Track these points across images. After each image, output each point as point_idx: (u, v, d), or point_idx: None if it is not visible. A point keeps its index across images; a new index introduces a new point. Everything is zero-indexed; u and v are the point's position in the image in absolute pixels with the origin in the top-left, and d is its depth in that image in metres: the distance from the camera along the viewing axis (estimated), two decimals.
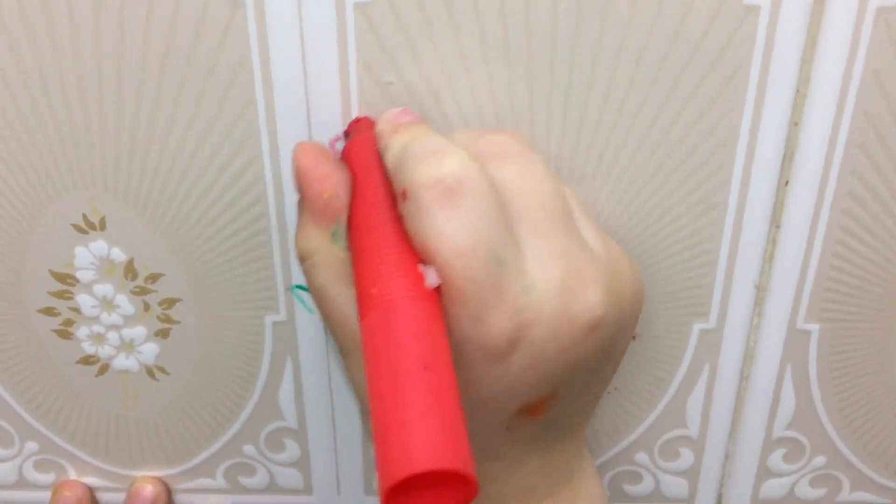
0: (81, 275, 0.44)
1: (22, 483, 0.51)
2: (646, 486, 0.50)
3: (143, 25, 0.37)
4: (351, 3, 0.36)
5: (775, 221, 0.41)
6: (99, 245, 0.43)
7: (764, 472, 0.49)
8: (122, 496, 0.51)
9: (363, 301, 0.29)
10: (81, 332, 0.46)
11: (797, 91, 0.38)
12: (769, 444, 0.48)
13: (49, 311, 0.45)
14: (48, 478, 0.51)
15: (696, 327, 0.44)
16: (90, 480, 0.51)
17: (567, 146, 0.39)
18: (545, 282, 0.30)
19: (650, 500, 0.50)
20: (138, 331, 0.45)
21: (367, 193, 0.34)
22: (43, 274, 0.44)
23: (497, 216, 0.30)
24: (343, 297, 0.34)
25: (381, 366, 0.26)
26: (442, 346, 0.27)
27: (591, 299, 0.31)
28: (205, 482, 0.51)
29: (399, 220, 0.31)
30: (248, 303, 0.44)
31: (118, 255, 0.43)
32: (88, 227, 0.43)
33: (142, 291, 0.44)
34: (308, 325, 0.45)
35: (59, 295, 0.45)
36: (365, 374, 0.27)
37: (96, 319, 0.45)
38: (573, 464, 0.39)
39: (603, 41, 0.37)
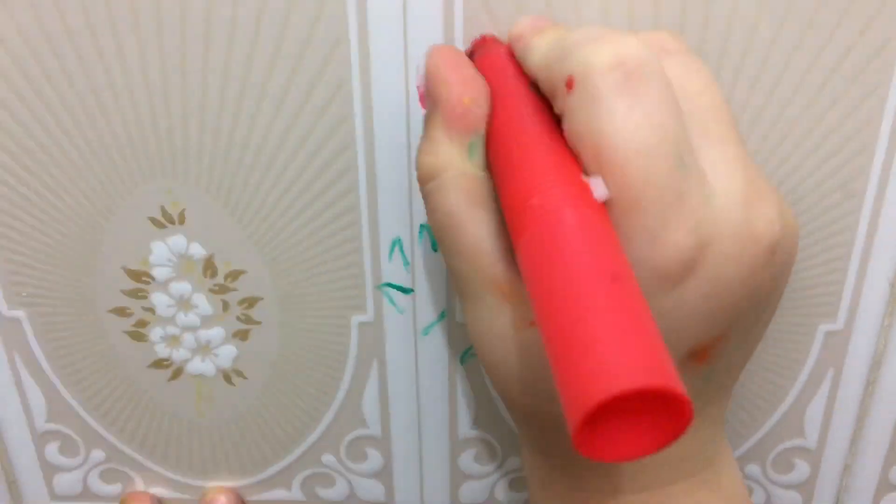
0: (157, 272, 0.41)
1: (86, 494, 0.48)
2: (756, 500, 0.46)
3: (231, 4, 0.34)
4: None
5: None
6: (177, 240, 0.40)
7: (885, 486, 0.45)
8: None
9: (520, 215, 0.25)
10: (155, 333, 0.43)
11: None
12: (893, 455, 0.44)
13: (121, 312, 0.42)
14: (114, 489, 0.48)
15: (822, 328, 0.41)
16: (158, 491, 0.48)
17: None
18: (726, 192, 0.26)
19: None
20: (216, 332, 0.42)
21: (508, 103, 0.29)
22: (116, 271, 0.41)
23: (679, 111, 0.25)
24: (479, 223, 0.29)
25: (557, 281, 0.22)
26: (623, 257, 0.23)
27: (771, 214, 0.26)
28: (280, 493, 0.47)
29: (551, 131, 0.27)
30: (334, 302, 0.41)
31: (197, 250, 0.40)
32: (167, 220, 0.39)
33: (221, 290, 0.41)
34: (397, 326, 0.42)
35: (133, 294, 0.42)
36: (533, 295, 0.23)
37: (171, 320, 0.42)
38: (718, 441, 0.33)
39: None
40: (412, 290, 0.41)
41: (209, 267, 0.41)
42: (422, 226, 0.39)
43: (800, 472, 0.45)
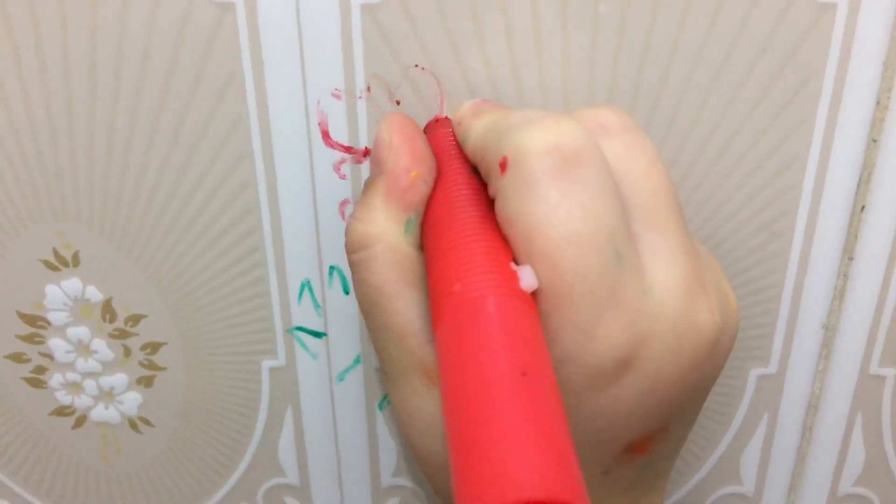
0: (53, 317, 0.38)
1: None
2: None
3: (118, 31, 0.32)
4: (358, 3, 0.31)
5: (848, 252, 0.36)
6: (72, 283, 0.38)
7: None
8: None
9: (442, 300, 0.23)
10: (55, 380, 0.40)
11: (877, 103, 0.33)
12: (834, 502, 0.43)
13: (17, 358, 0.40)
14: None
15: (755, 372, 0.39)
16: None
17: None
18: (665, 285, 0.24)
19: None
20: (118, 378, 0.40)
21: (447, 185, 0.28)
22: (9, 316, 0.39)
23: (616, 200, 0.24)
24: (409, 302, 0.27)
25: (466, 373, 0.21)
26: (542, 352, 0.21)
27: (713, 304, 0.25)
28: None
29: (485, 217, 0.25)
30: (243, 347, 0.39)
31: (94, 294, 0.38)
32: (60, 262, 0.37)
33: (121, 335, 0.39)
34: (310, 371, 0.39)
35: (29, 339, 0.39)
36: (442, 386, 0.22)
37: (71, 366, 0.40)
38: None
39: (652, 37, 0.32)
40: (325, 335, 0.39)
41: (108, 311, 0.38)
42: (332, 267, 0.37)
43: None
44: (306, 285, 0.38)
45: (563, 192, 0.23)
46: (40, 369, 0.40)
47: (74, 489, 0.44)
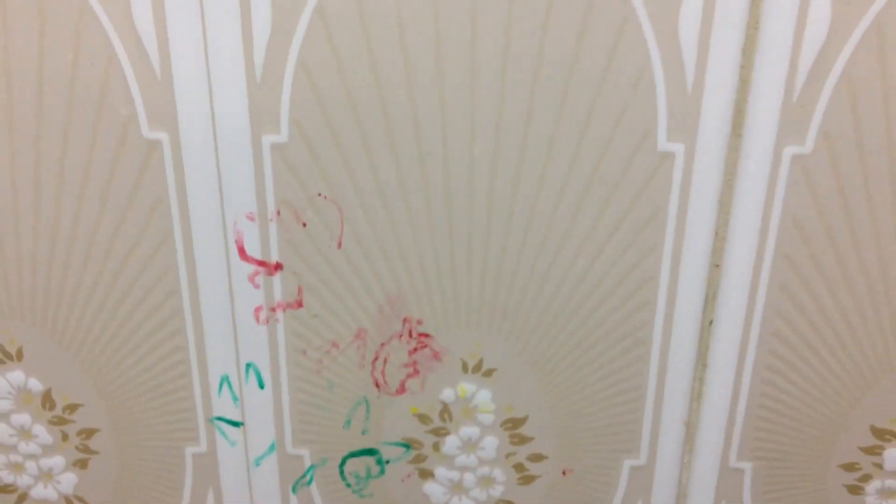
0: None
1: None
2: None
3: (60, 158, 0.37)
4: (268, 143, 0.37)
5: (701, 360, 0.41)
6: (16, 375, 0.42)
7: None
8: None
9: None
10: None
11: (716, 234, 0.38)
12: None
13: None
14: None
15: (627, 463, 0.43)
16: None
17: (489, 282, 0.39)
18: None
19: None
20: (56, 461, 0.44)
21: None
22: None
23: None
24: None
25: None
26: None
27: None
28: None
29: None
30: (169, 434, 0.43)
31: (35, 385, 0.42)
32: (5, 357, 0.42)
33: (60, 421, 0.43)
34: (230, 457, 0.44)
35: None
36: None
37: (14, 448, 0.44)
38: None
39: (521, 171, 0.37)
40: (242, 424, 0.43)
41: (47, 400, 0.43)
42: (248, 364, 0.42)
43: None
44: (225, 380, 0.42)
45: None
46: None
47: None
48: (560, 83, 0.35)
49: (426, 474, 0.44)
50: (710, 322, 0.40)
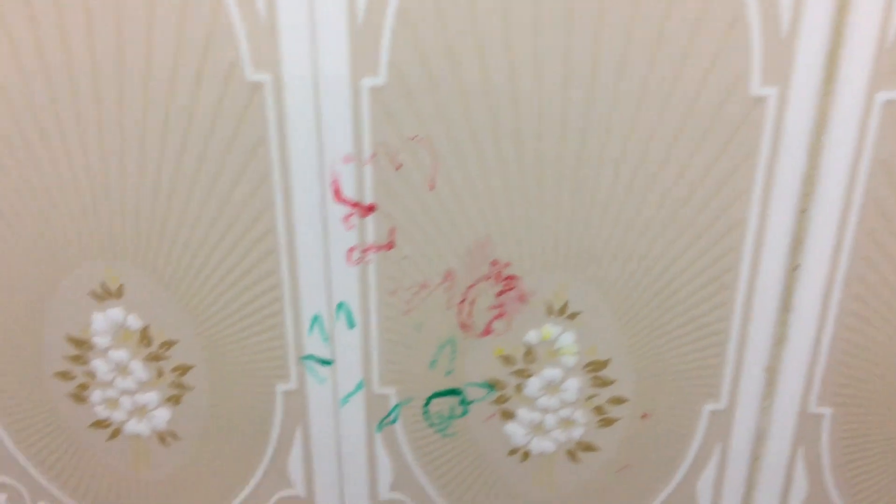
0: (98, 341, 0.44)
1: None
2: None
3: (166, 103, 0.38)
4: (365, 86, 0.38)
5: (785, 305, 0.41)
6: (115, 312, 0.44)
7: None
8: None
9: None
10: (95, 396, 0.46)
11: (805, 179, 0.38)
12: None
13: (64, 376, 0.46)
14: None
15: (707, 408, 0.44)
16: None
17: (577, 226, 0.40)
18: None
19: None
20: (151, 396, 0.46)
21: None
22: (60, 339, 0.45)
23: None
24: None
25: None
26: None
27: None
28: None
29: None
30: (260, 371, 0.45)
31: (134, 322, 0.44)
32: (106, 294, 0.43)
33: (156, 358, 0.45)
34: (318, 395, 0.45)
35: (75, 360, 0.45)
36: None
37: (110, 384, 0.46)
38: None
39: (613, 117, 0.38)
40: (332, 362, 0.44)
41: (145, 337, 0.44)
42: (339, 304, 0.43)
43: None
44: (317, 319, 0.43)
45: None
46: (83, 386, 0.46)
47: (107, 495, 0.50)
48: (654, 27, 0.36)
49: (508, 415, 0.45)
50: (796, 267, 0.40)
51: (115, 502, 0.50)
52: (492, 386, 0.45)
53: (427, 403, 0.45)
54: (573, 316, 0.42)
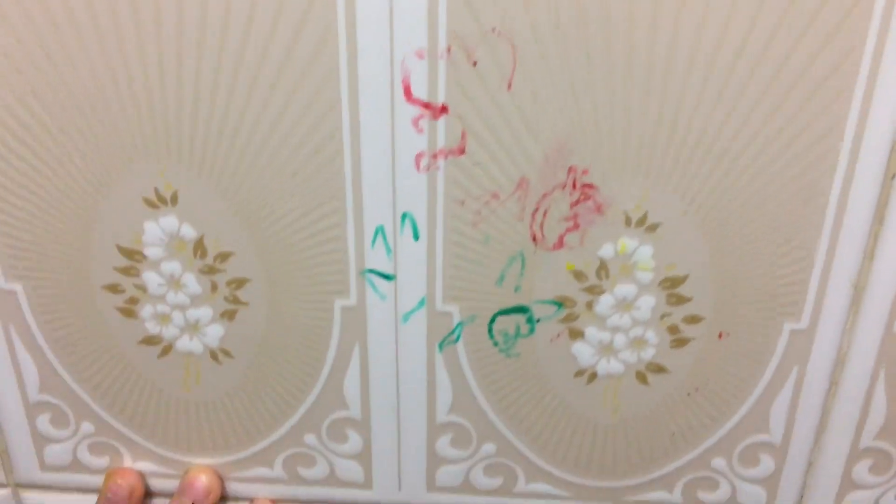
0: (149, 251, 0.42)
1: (75, 466, 0.50)
2: (722, 493, 0.47)
3: None
4: None
5: (879, 217, 0.39)
6: (169, 220, 0.42)
7: (848, 484, 0.47)
8: (175, 483, 0.49)
9: None
10: (146, 311, 0.44)
11: None
12: (855, 454, 0.46)
13: (114, 288, 0.44)
14: (102, 461, 0.50)
15: (787, 327, 0.42)
16: (144, 466, 0.49)
17: (662, 130, 0.37)
18: None
19: None
20: (204, 311, 0.44)
21: None
22: (110, 249, 0.43)
23: None
24: None
25: None
26: None
27: None
28: (262, 471, 0.49)
29: None
30: (319, 286, 0.43)
31: (188, 231, 0.42)
32: (160, 201, 0.41)
33: (210, 270, 0.43)
34: (379, 311, 0.43)
35: (125, 271, 0.43)
36: None
37: (162, 298, 0.44)
38: None
39: (708, 11, 0.35)
40: (394, 277, 0.42)
41: (199, 248, 0.42)
42: (404, 214, 0.41)
43: (765, 467, 0.47)
44: (380, 230, 0.41)
45: None
46: (133, 300, 0.44)
47: (155, 415, 0.48)
48: None
49: (576, 334, 0.43)
50: (893, 176, 0.38)
51: (163, 424, 0.48)
52: (561, 303, 0.43)
53: (492, 322, 0.43)
54: (652, 228, 0.40)
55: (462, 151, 0.39)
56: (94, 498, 0.49)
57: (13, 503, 0.51)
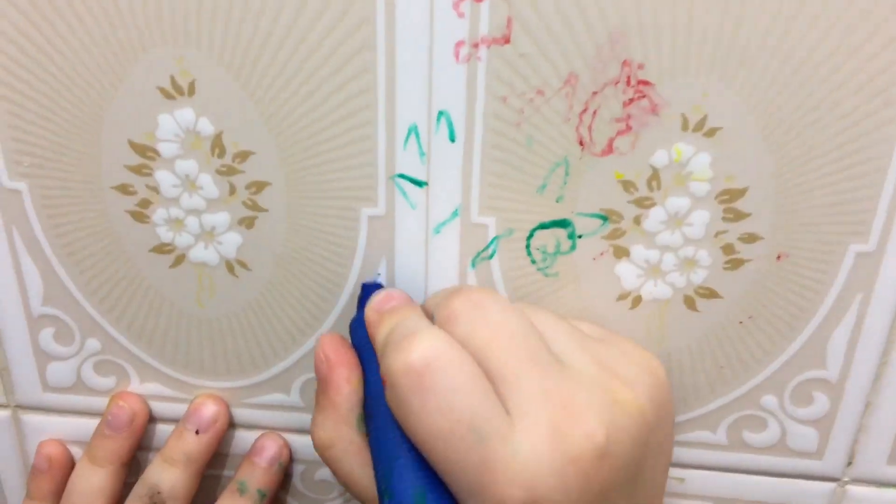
0: (163, 147, 0.39)
1: (79, 387, 0.47)
2: (770, 434, 0.44)
3: None
4: None
5: None
6: (185, 113, 0.38)
7: None
8: (183, 408, 0.46)
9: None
10: (158, 215, 0.41)
11: None
12: None
13: (124, 189, 0.41)
14: (108, 382, 0.47)
15: (853, 248, 0.39)
16: (152, 387, 0.47)
17: (728, 21, 0.34)
18: (530, 433, 0.30)
19: (772, 452, 0.45)
20: (221, 217, 0.41)
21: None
22: (121, 145, 0.39)
23: (473, 387, 0.30)
24: (369, 479, 0.36)
25: None
26: None
27: (588, 428, 0.30)
28: (278, 397, 0.46)
29: None
30: (345, 192, 0.40)
31: (206, 126, 0.39)
32: (176, 91, 0.38)
33: (229, 171, 0.40)
34: (409, 222, 0.40)
35: (137, 170, 0.40)
36: None
37: (175, 201, 0.41)
38: None
39: None
40: (426, 184, 0.39)
41: (217, 145, 0.39)
42: (440, 112, 0.37)
43: (819, 407, 0.43)
44: (413, 130, 0.38)
45: (422, 402, 0.30)
46: (145, 203, 0.41)
47: (165, 332, 0.45)
48: None
49: (621, 252, 0.40)
50: None
51: (174, 342, 0.45)
52: (606, 217, 0.39)
53: (530, 236, 0.40)
54: (711, 133, 0.37)
55: (507, 40, 0.36)
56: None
57: (13, 426, 0.48)
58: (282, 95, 0.37)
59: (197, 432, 0.45)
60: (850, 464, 0.45)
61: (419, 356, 0.31)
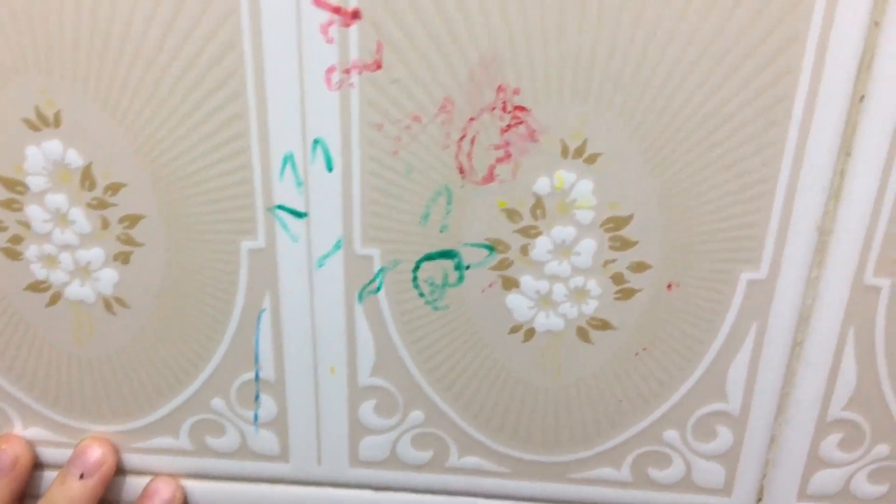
0: (32, 181, 0.38)
1: None
2: (675, 471, 0.43)
3: None
4: None
5: (845, 147, 0.35)
6: (52, 145, 0.37)
7: (815, 462, 0.42)
8: (69, 452, 0.44)
9: None
10: (31, 251, 0.40)
11: None
12: (823, 427, 0.41)
13: None
14: None
15: (744, 277, 0.38)
16: (36, 432, 0.44)
17: (602, 43, 0.33)
18: None
19: (679, 489, 0.43)
20: (95, 253, 0.39)
21: None
22: None
23: None
24: None
25: None
26: None
27: None
28: (167, 441, 0.44)
29: None
30: (222, 224, 0.38)
31: (74, 158, 0.37)
32: (41, 122, 0.37)
33: (100, 204, 0.38)
34: (291, 255, 0.39)
35: (7, 205, 0.39)
36: None
37: (47, 237, 0.39)
38: None
39: None
40: (306, 215, 0.38)
41: (87, 177, 0.38)
42: (315, 140, 0.36)
43: (722, 441, 0.42)
44: (289, 159, 0.37)
45: None
46: (17, 239, 0.39)
47: (46, 373, 0.43)
48: None
49: (510, 284, 0.39)
50: (861, 97, 0.34)
51: (55, 385, 0.43)
52: (492, 247, 0.38)
53: (416, 268, 0.39)
54: (592, 158, 0.36)
55: (378, 66, 0.35)
56: None
57: None
58: (151, 124, 0.36)
59: (82, 476, 0.43)
60: (759, 500, 0.43)
61: None
